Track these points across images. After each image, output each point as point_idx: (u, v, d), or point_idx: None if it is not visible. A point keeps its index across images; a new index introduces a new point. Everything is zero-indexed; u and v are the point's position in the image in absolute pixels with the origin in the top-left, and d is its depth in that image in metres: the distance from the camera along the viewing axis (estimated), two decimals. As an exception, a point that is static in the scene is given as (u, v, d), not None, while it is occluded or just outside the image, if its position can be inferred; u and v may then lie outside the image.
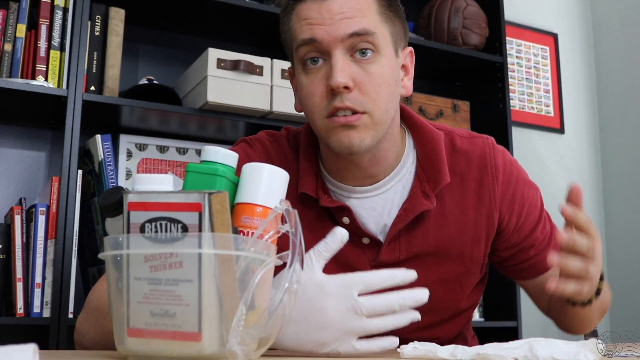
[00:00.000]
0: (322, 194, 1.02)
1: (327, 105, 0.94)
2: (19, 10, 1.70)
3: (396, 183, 1.03)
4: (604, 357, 0.71)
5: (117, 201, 0.67)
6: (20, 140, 1.88)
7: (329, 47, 0.93)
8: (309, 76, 0.96)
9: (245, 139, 1.11)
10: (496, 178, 1.04)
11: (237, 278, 0.62)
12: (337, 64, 0.92)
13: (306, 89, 0.97)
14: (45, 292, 1.59)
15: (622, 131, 2.87)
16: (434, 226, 1.02)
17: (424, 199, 1.01)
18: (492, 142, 1.09)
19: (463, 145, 1.07)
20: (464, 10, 2.31)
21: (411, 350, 0.72)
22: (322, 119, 0.95)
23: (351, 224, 1.00)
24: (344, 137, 0.94)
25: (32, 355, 0.48)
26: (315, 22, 0.94)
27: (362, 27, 0.93)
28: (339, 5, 0.94)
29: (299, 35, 0.96)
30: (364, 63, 0.94)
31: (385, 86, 0.96)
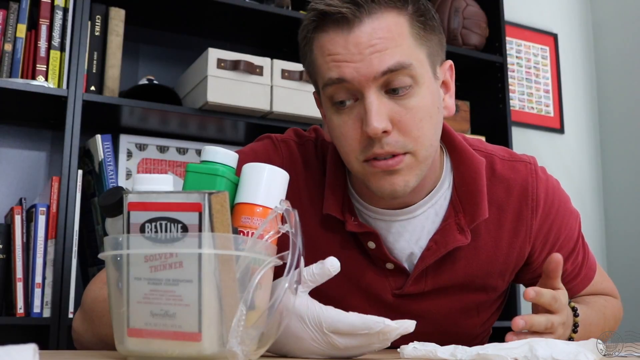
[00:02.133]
0: (349, 216, 0.94)
1: (363, 149, 0.85)
2: (19, 10, 1.70)
3: (428, 208, 0.95)
4: (604, 357, 0.71)
5: (117, 201, 0.67)
6: (20, 140, 1.88)
7: (361, 87, 0.83)
8: (341, 116, 0.86)
9: (272, 137, 1.02)
10: (536, 211, 0.98)
11: (237, 278, 0.61)
12: (372, 107, 0.82)
13: (339, 131, 0.87)
14: (45, 292, 1.59)
15: (622, 131, 2.87)
16: (465, 260, 0.96)
17: (458, 233, 0.93)
18: (535, 167, 1.00)
19: (504, 171, 0.98)
20: (464, 10, 2.31)
21: (411, 351, 0.72)
22: (359, 164, 0.87)
23: (377, 249, 0.95)
24: (386, 184, 0.86)
25: (32, 355, 0.48)
26: (342, 58, 0.83)
27: (396, 62, 0.82)
28: (367, 37, 0.82)
29: (325, 74, 0.85)
30: (402, 99, 0.84)
31: (427, 119, 0.85)
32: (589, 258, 1.10)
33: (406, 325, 0.69)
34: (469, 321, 1.03)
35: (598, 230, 2.86)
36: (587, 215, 2.83)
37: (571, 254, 1.04)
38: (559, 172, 2.79)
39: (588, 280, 1.10)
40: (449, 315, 1.00)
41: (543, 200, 0.98)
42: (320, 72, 0.87)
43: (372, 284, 0.97)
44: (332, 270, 0.71)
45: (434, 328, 0.98)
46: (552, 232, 1.00)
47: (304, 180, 0.99)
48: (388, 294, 0.98)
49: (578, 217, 1.06)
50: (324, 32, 0.85)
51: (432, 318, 1.00)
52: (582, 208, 2.83)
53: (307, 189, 0.98)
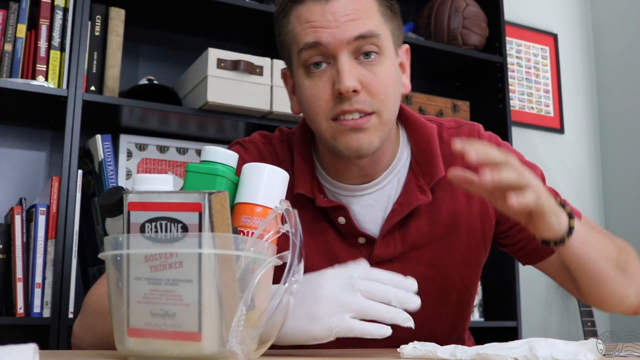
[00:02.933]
0: (318, 194, 1.01)
1: (332, 108, 0.93)
2: (19, 10, 1.70)
3: (392, 179, 1.03)
4: (603, 357, 0.71)
5: (117, 201, 0.67)
6: (20, 140, 1.88)
7: (335, 51, 0.92)
8: (313, 79, 0.94)
9: (240, 141, 1.10)
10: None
11: (237, 278, 0.62)
12: (345, 68, 0.91)
13: (309, 92, 0.95)
14: (45, 292, 1.59)
15: (622, 131, 2.87)
16: (427, 218, 1.02)
17: (419, 193, 1.00)
18: (479, 128, 1.08)
19: (450, 135, 1.06)
20: (464, 10, 2.31)
21: (411, 350, 0.72)
22: (327, 122, 0.94)
23: (347, 223, 1.00)
24: (352, 141, 0.93)
25: (32, 355, 0.48)
26: (319, 24, 0.92)
27: (367, 30, 0.92)
28: (342, 7, 0.92)
29: (302, 39, 0.94)
30: (370, 65, 0.93)
31: (391, 86, 0.95)
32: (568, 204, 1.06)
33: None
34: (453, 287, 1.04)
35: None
36: (587, 215, 2.83)
37: None
38: (559, 172, 2.79)
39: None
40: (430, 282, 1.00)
41: None
42: (296, 39, 0.95)
43: (346, 258, 0.99)
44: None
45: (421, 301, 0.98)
46: None
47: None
48: None
49: (537, 168, 1.07)
50: (301, 4, 0.95)
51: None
52: (582, 208, 2.82)
53: None
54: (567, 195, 2.86)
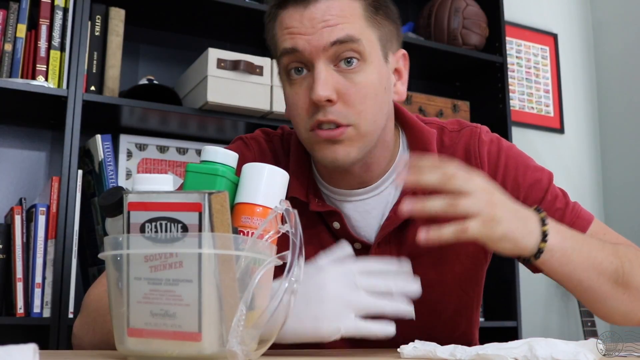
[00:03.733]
0: (313, 198, 1.00)
1: (310, 118, 0.91)
2: (19, 10, 1.70)
3: (389, 184, 1.01)
4: (603, 357, 0.71)
5: (117, 201, 0.67)
6: (20, 140, 1.88)
7: (311, 58, 0.90)
8: (293, 87, 0.93)
9: (242, 137, 1.09)
10: (482, 169, 1.00)
11: (237, 278, 0.62)
12: (320, 76, 0.89)
13: (290, 100, 0.94)
14: (45, 292, 1.59)
15: (622, 131, 2.87)
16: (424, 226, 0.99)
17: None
18: (480, 131, 1.04)
19: (451, 140, 1.04)
20: (464, 10, 2.31)
21: (411, 350, 0.72)
22: (306, 132, 0.93)
23: (341, 229, 0.99)
24: (328, 152, 0.92)
25: (32, 355, 0.48)
26: (296, 31, 0.91)
27: (345, 34, 0.89)
28: (321, 13, 0.90)
29: (281, 45, 0.93)
30: (349, 73, 0.90)
31: (371, 96, 0.92)
32: (577, 208, 1.03)
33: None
34: (454, 295, 1.03)
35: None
36: (587, 215, 2.83)
37: (542, 202, 1.00)
38: (559, 172, 2.78)
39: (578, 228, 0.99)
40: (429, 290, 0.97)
41: (487, 157, 1.01)
42: (277, 43, 0.94)
43: None
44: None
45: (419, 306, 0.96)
46: (507, 184, 0.99)
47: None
48: None
49: (545, 171, 1.03)
50: (284, 9, 0.93)
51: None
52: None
53: None
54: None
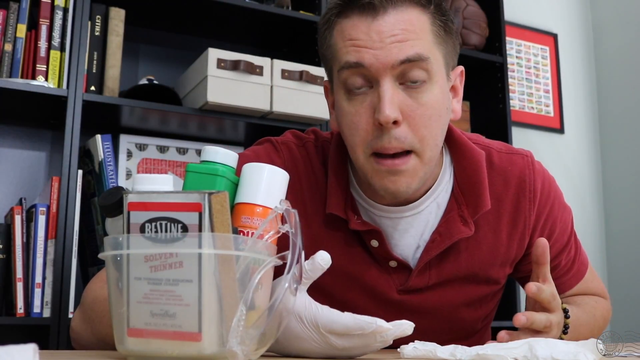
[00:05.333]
0: (352, 215, 0.95)
1: (371, 141, 0.86)
2: (19, 10, 1.70)
3: (431, 203, 0.96)
4: (603, 357, 0.71)
5: (117, 201, 0.67)
6: (20, 140, 1.88)
7: (377, 75, 0.84)
8: (352, 104, 0.87)
9: (272, 139, 1.02)
10: (533, 202, 0.99)
11: (237, 278, 0.62)
12: (386, 95, 0.83)
13: (349, 118, 0.87)
14: (45, 292, 1.59)
15: (622, 131, 2.87)
16: (467, 252, 0.97)
17: (461, 224, 0.94)
18: (531, 160, 1.02)
19: (501, 163, 1.00)
20: (464, 10, 2.31)
21: (411, 350, 0.72)
22: (366, 158, 0.87)
23: (379, 247, 0.95)
24: (389, 183, 0.87)
25: (32, 355, 0.48)
26: (362, 44, 0.84)
27: (415, 53, 0.84)
28: (390, 26, 0.84)
29: (343, 57, 0.86)
30: (415, 92, 0.85)
31: (436, 118, 0.87)
32: (581, 254, 1.10)
33: (403, 327, 0.67)
34: (473, 314, 1.03)
35: (598, 230, 2.86)
36: (587, 215, 2.83)
37: (565, 248, 1.05)
38: (559, 172, 2.79)
39: (580, 275, 1.09)
40: (453, 309, 1.00)
41: (540, 192, 1.00)
42: (338, 55, 0.88)
43: (376, 283, 0.97)
44: (323, 263, 0.69)
45: (439, 324, 0.99)
46: (548, 224, 1.01)
47: (306, 180, 0.99)
48: (393, 292, 0.97)
49: (571, 213, 1.08)
50: (347, 17, 0.87)
51: (438, 313, 1.00)
52: (582, 208, 2.83)
53: (310, 189, 0.99)
54: (567, 195, 2.85)
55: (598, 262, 2.81)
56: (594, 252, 2.81)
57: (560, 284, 1.05)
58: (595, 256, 2.81)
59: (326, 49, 0.92)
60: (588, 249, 2.76)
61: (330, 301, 0.97)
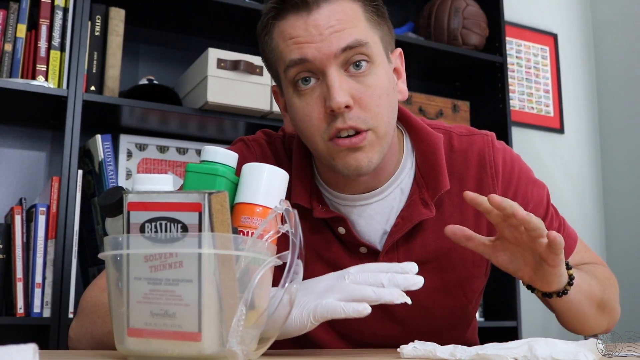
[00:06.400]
0: (316, 204, 0.98)
1: (327, 127, 0.89)
2: (19, 10, 1.70)
3: (394, 189, 0.99)
4: (603, 357, 0.71)
5: (117, 201, 0.67)
6: (20, 140, 1.88)
7: (322, 66, 0.87)
8: (303, 98, 0.90)
9: (243, 138, 1.07)
10: (496, 178, 1.01)
11: (237, 278, 0.62)
12: (334, 83, 0.86)
13: (301, 112, 0.91)
14: (45, 292, 1.59)
15: (622, 131, 2.87)
16: (433, 233, 0.99)
17: (422, 207, 0.97)
18: (492, 138, 1.05)
19: (461, 144, 1.03)
20: (464, 10, 2.31)
21: (411, 350, 0.72)
22: (324, 142, 0.90)
23: (347, 234, 0.98)
24: (351, 160, 0.89)
25: (32, 355, 0.48)
26: (303, 40, 0.88)
27: (354, 39, 0.88)
28: (326, 19, 0.87)
29: (287, 56, 0.89)
30: (361, 76, 0.89)
31: (384, 97, 0.90)
32: (567, 227, 1.10)
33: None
34: (456, 301, 1.03)
35: (598, 230, 2.86)
36: (587, 215, 2.83)
37: (543, 221, 1.02)
38: (559, 172, 2.79)
39: (569, 248, 1.08)
40: (432, 295, 0.99)
41: (502, 167, 1.02)
42: (282, 56, 0.91)
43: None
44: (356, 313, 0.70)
45: (420, 312, 0.97)
46: (518, 199, 1.01)
47: None
48: None
49: (545, 187, 1.08)
50: (283, 19, 0.90)
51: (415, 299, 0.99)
52: (582, 208, 2.83)
53: None
54: (567, 195, 2.87)
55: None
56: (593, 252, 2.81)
57: None
58: (595, 256, 2.81)
59: (269, 53, 0.95)
60: (588, 249, 2.77)
61: None
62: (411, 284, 0.72)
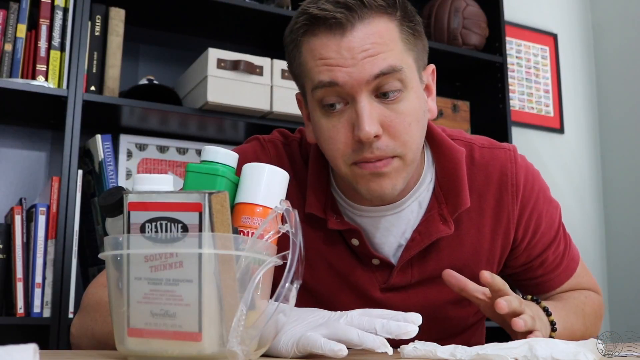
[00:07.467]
0: (331, 215, 0.95)
1: (352, 153, 0.85)
2: (19, 10, 1.70)
3: (412, 202, 0.97)
4: (603, 357, 0.71)
5: (117, 201, 0.67)
6: (20, 140, 1.88)
7: (353, 91, 0.83)
8: (330, 120, 0.86)
9: (259, 138, 1.03)
10: (516, 196, 0.99)
11: (237, 278, 0.62)
12: (364, 112, 0.83)
13: (327, 134, 0.87)
14: (45, 292, 1.59)
15: (622, 131, 2.87)
16: (449, 250, 0.97)
17: (441, 223, 0.95)
18: (514, 154, 1.01)
19: (483, 158, 1.00)
20: (464, 10, 2.31)
21: (411, 350, 0.72)
22: (347, 166, 0.87)
23: (360, 245, 0.95)
24: (375, 185, 0.86)
25: (32, 355, 0.48)
26: (334, 62, 0.83)
27: (388, 65, 0.83)
28: (360, 41, 0.83)
29: (316, 77, 0.85)
30: (392, 103, 0.85)
31: (415, 123, 0.86)
32: (571, 249, 1.09)
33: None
34: (460, 312, 1.03)
35: (598, 230, 2.86)
36: (587, 215, 2.83)
37: (552, 242, 1.04)
38: (558, 172, 2.79)
39: (570, 271, 1.08)
40: (439, 308, 1.00)
41: (523, 186, 1.00)
42: (310, 75, 0.87)
43: (360, 280, 0.98)
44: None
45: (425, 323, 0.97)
46: (533, 218, 1.01)
47: (290, 177, 1.00)
48: (376, 290, 0.98)
49: (558, 207, 1.07)
50: (314, 36, 0.86)
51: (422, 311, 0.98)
52: (582, 208, 2.83)
53: (293, 186, 0.99)
54: (567, 195, 2.87)
55: (598, 262, 2.81)
56: (594, 252, 2.81)
57: (549, 280, 1.05)
58: (595, 256, 2.81)
59: (296, 67, 0.91)
60: (588, 249, 2.76)
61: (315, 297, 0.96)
62: (403, 332, 0.69)
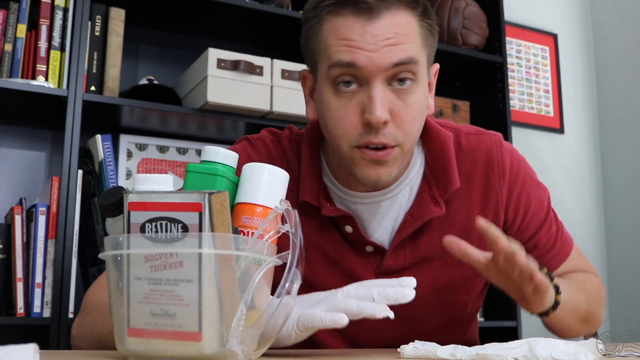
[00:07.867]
0: (325, 202, 0.97)
1: (358, 136, 0.88)
2: (19, 10, 1.70)
3: (404, 187, 1.00)
4: (603, 357, 0.71)
5: (117, 201, 0.67)
6: (20, 140, 1.88)
7: (369, 76, 0.86)
8: (340, 100, 0.89)
9: (248, 137, 1.06)
10: (503, 177, 1.02)
11: (237, 278, 0.62)
12: (377, 97, 0.86)
13: (335, 113, 0.89)
14: (45, 292, 1.59)
15: (622, 131, 2.87)
16: (440, 231, 0.99)
17: (432, 204, 0.97)
18: (500, 139, 1.05)
19: (469, 143, 1.03)
20: (464, 10, 2.31)
21: (411, 350, 0.72)
22: (349, 148, 0.89)
23: (354, 232, 0.97)
24: (372, 172, 0.89)
25: (32, 355, 0.48)
26: (356, 45, 0.86)
27: (407, 56, 0.87)
28: (384, 29, 0.86)
29: (335, 55, 0.88)
30: (403, 93, 0.88)
31: (419, 116, 0.91)
32: (564, 231, 1.10)
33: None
34: (460, 299, 1.04)
35: (598, 230, 2.86)
36: (587, 215, 2.83)
37: (544, 223, 1.06)
38: (558, 172, 2.79)
39: (565, 254, 1.09)
40: (437, 293, 1.00)
41: (509, 168, 1.03)
42: (328, 52, 0.89)
43: (353, 267, 0.99)
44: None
45: (425, 310, 0.99)
46: (522, 199, 1.03)
47: None
48: (370, 275, 0.98)
49: (546, 190, 1.09)
50: (339, 16, 0.88)
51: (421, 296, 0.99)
52: (582, 208, 2.83)
53: None
54: (567, 195, 2.87)
55: (598, 262, 2.81)
56: (594, 252, 2.81)
57: (544, 263, 1.06)
58: (595, 256, 2.81)
59: (314, 43, 0.92)
60: (588, 249, 2.76)
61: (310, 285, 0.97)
62: (400, 296, 0.71)
